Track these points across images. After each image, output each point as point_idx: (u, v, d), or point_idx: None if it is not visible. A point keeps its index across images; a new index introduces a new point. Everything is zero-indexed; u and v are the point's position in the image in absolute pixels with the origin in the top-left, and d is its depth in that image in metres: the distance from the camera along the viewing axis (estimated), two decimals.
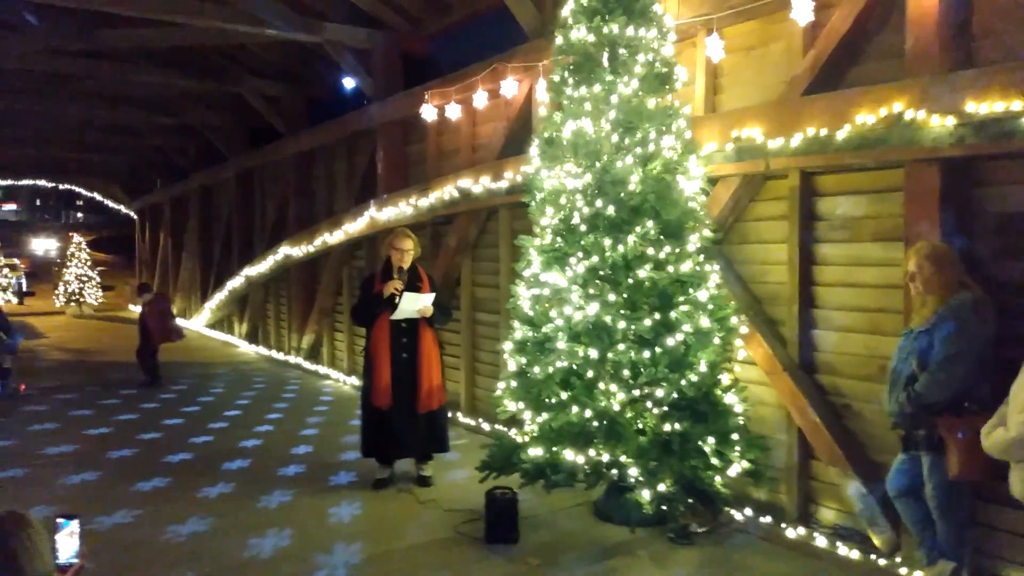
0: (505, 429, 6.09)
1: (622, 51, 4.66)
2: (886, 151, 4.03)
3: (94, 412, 8.26)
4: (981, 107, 3.61)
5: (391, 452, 5.54)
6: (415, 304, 5.31)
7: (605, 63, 4.70)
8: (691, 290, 4.48)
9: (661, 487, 4.29)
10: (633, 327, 4.41)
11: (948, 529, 3.57)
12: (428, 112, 7.65)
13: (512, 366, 4.91)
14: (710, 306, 4.50)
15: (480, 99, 7.00)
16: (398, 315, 5.31)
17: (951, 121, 3.72)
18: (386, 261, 5.51)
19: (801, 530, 4.56)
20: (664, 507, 4.37)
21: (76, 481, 5.71)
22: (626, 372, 4.41)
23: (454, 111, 7.42)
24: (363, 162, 10.27)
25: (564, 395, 4.56)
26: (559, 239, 4.71)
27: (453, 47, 9.35)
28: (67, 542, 2.31)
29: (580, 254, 4.56)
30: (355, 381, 9.96)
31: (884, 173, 4.28)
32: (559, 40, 4.86)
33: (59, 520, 2.34)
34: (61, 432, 7.31)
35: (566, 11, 4.88)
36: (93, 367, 11.95)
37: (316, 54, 10.43)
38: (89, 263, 23.26)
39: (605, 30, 4.61)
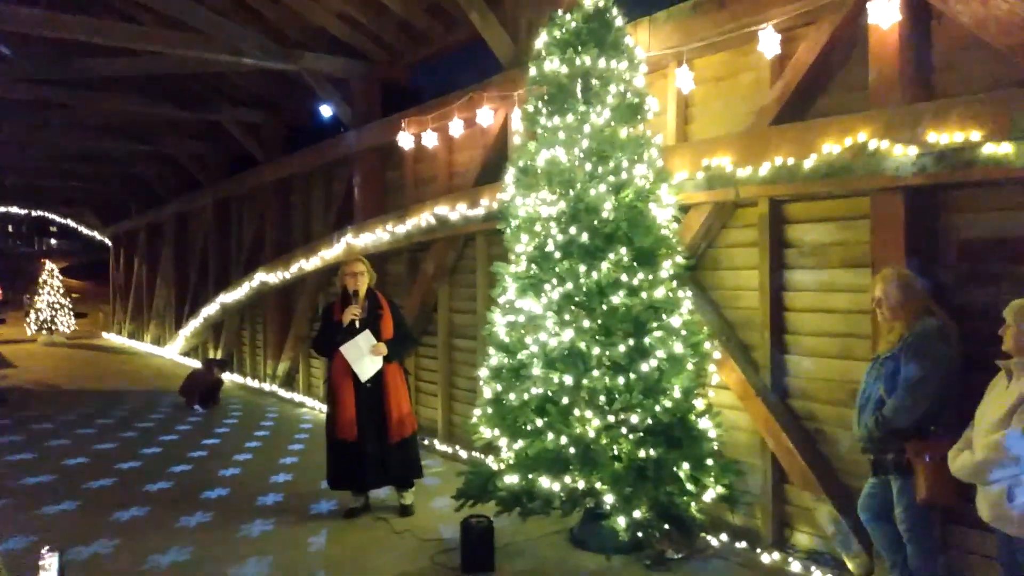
0: (482, 456, 6.07)
1: (594, 82, 4.75)
2: (852, 180, 4.12)
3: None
4: (941, 137, 3.72)
5: (363, 482, 5.45)
6: (360, 354, 5.19)
7: (578, 94, 4.79)
8: (665, 316, 4.53)
9: (637, 514, 4.29)
10: (607, 353, 4.44)
11: (919, 552, 3.60)
12: (405, 140, 7.71)
13: (488, 393, 4.91)
14: (683, 332, 4.55)
15: (456, 128, 7.07)
16: (364, 376, 5.21)
17: (913, 151, 3.82)
18: (343, 290, 5.47)
19: (776, 555, 4.58)
20: (640, 534, 4.36)
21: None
22: (601, 398, 4.43)
23: (431, 139, 7.48)
24: (341, 189, 10.28)
25: (539, 422, 4.56)
26: (534, 266, 4.74)
27: (430, 76, 9.46)
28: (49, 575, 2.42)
29: (555, 281, 4.60)
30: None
31: (851, 201, 4.38)
32: (533, 71, 4.94)
33: (43, 552, 2.44)
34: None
35: (540, 43, 4.98)
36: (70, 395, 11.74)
37: (295, 82, 10.48)
38: (62, 290, 22.92)
39: (578, 62, 4.70)
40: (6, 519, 5.45)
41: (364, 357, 5.23)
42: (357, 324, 5.30)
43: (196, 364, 13.15)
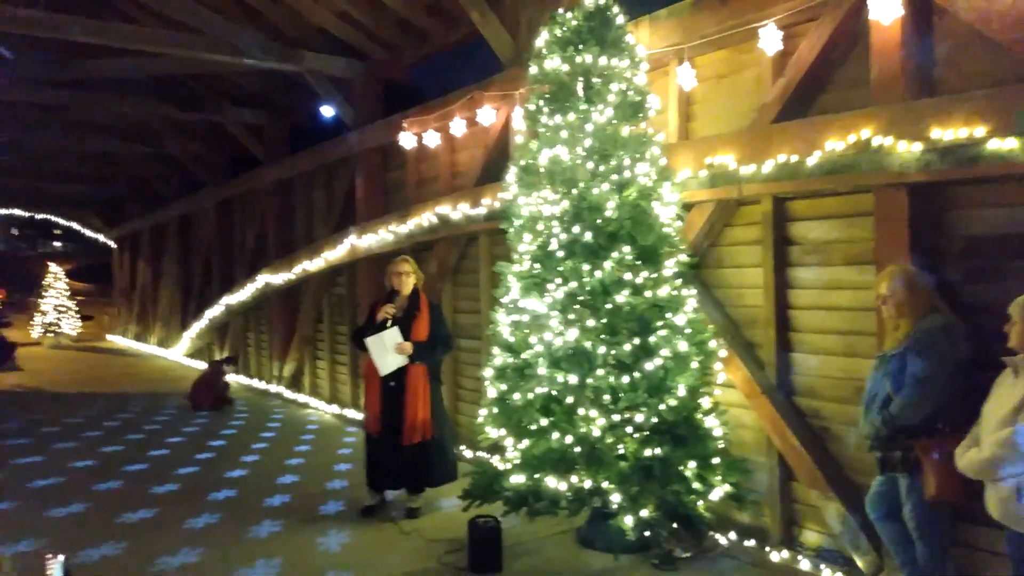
0: (488, 456, 6.08)
1: (596, 80, 4.74)
2: (855, 176, 4.11)
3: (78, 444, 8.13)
4: (946, 133, 3.70)
5: (379, 480, 5.53)
6: (384, 349, 5.22)
7: (579, 92, 4.78)
8: (669, 315, 4.52)
9: (644, 513, 4.29)
10: (612, 352, 4.44)
11: (928, 550, 3.59)
12: (407, 140, 7.71)
13: (492, 393, 4.91)
14: (688, 330, 4.54)
15: (458, 127, 7.07)
16: (383, 370, 5.25)
17: (917, 147, 3.80)
18: (389, 288, 5.55)
19: (785, 553, 4.57)
20: (647, 533, 4.36)
21: (62, 513, 5.65)
22: (606, 397, 4.42)
23: (433, 139, 7.48)
24: (343, 189, 10.28)
25: (545, 421, 4.56)
26: (537, 265, 4.73)
27: (431, 76, 9.46)
28: None
29: (558, 280, 4.59)
30: (336, 410, 9.90)
31: (854, 198, 4.36)
32: (534, 70, 4.93)
33: (46, 557, 2.50)
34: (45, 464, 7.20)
35: (540, 41, 4.96)
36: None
37: (296, 83, 10.47)
38: (67, 293, 22.99)
39: (579, 60, 4.69)
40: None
41: (387, 354, 5.25)
42: (389, 322, 5.33)
43: (203, 365, 13.18)
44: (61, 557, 2.76)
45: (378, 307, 5.47)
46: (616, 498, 4.34)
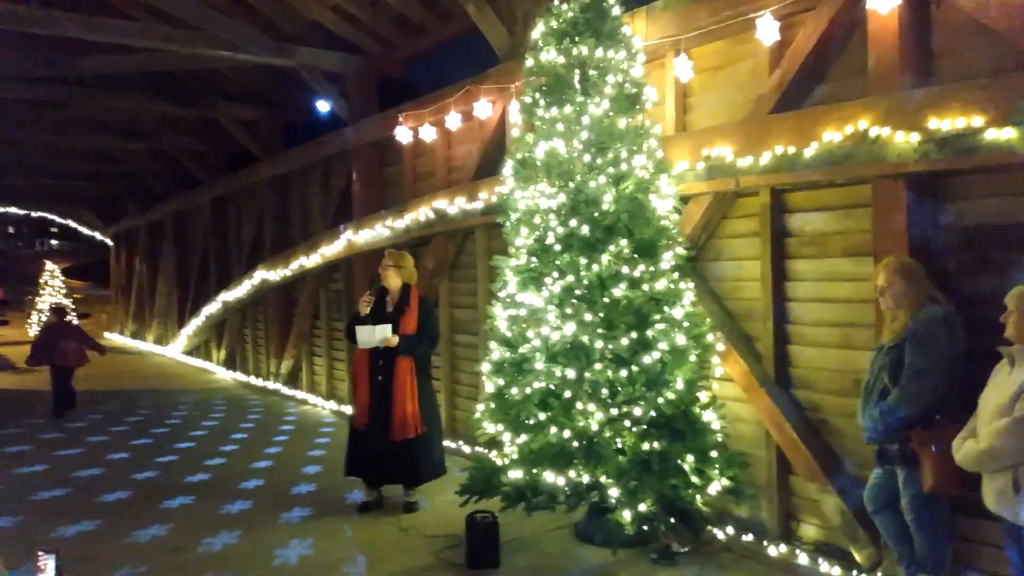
0: (485, 452, 6.07)
1: (592, 72, 4.71)
2: (853, 167, 4.08)
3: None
4: (943, 123, 3.67)
5: (369, 475, 5.52)
6: (371, 336, 5.27)
7: (576, 84, 4.75)
8: (666, 308, 4.50)
9: (642, 507, 4.27)
10: (610, 346, 4.42)
11: (925, 542, 3.58)
12: (403, 134, 7.68)
13: (490, 388, 4.89)
14: (685, 323, 4.52)
15: (454, 121, 7.04)
16: (360, 344, 5.33)
17: (915, 137, 3.78)
18: (379, 281, 5.63)
19: (783, 547, 4.56)
20: (645, 527, 4.34)
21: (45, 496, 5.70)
22: (604, 391, 4.40)
23: (429, 133, 7.45)
24: (339, 185, 10.25)
25: (542, 416, 4.54)
26: (534, 259, 4.71)
27: (427, 70, 9.41)
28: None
29: (555, 274, 4.57)
30: (334, 406, 9.88)
31: (852, 189, 4.33)
32: (530, 62, 4.90)
33: (39, 553, 2.53)
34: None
35: (536, 34, 4.93)
36: None
37: (291, 78, 10.43)
38: (63, 291, 22.93)
39: (575, 52, 4.66)
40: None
41: (372, 340, 5.29)
42: (369, 312, 5.46)
43: (196, 361, 13.13)
44: (53, 554, 2.74)
45: (362, 300, 5.57)
46: (614, 492, 4.32)
